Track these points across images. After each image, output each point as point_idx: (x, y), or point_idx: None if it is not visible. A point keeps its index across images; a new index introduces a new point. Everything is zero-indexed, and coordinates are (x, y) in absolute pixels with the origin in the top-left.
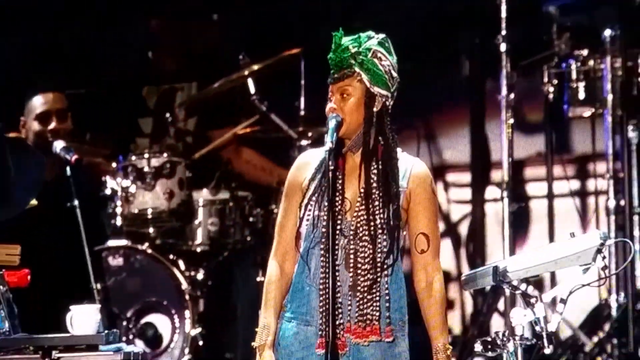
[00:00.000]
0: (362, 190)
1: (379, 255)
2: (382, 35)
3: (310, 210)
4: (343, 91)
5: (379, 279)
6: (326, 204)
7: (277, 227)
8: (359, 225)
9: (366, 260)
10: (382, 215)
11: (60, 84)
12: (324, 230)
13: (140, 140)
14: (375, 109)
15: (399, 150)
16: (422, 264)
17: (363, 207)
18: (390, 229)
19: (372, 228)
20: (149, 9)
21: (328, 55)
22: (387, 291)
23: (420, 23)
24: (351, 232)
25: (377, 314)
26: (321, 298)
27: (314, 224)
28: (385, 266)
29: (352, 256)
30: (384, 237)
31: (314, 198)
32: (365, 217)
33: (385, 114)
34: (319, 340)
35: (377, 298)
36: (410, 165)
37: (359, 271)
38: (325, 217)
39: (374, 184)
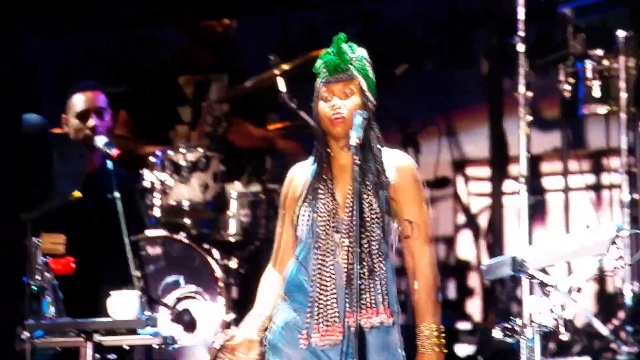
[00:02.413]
0: (353, 185)
1: (374, 244)
2: (364, 49)
3: (303, 214)
4: (346, 92)
5: (376, 266)
6: (319, 206)
7: (276, 236)
8: (353, 219)
9: (363, 250)
10: (373, 207)
11: (99, 83)
12: (319, 230)
13: (180, 128)
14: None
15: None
16: (409, 249)
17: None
18: (381, 217)
19: (366, 219)
20: (181, 11)
21: (323, 59)
22: (384, 277)
23: (439, 24)
24: (344, 228)
25: (380, 297)
26: (314, 290)
27: (310, 226)
28: (380, 253)
29: (346, 249)
30: (376, 226)
31: (307, 202)
32: (358, 210)
33: (373, 117)
34: (304, 332)
35: (378, 284)
36: (395, 159)
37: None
38: (319, 218)
39: (365, 180)
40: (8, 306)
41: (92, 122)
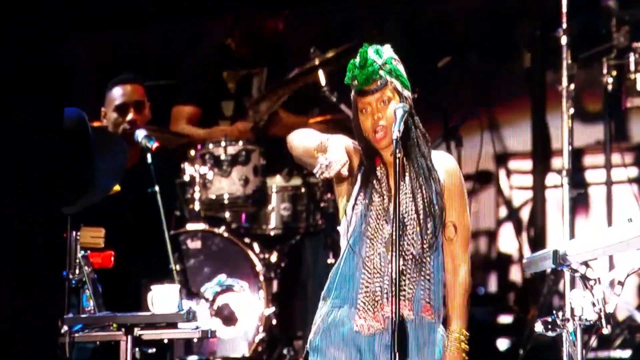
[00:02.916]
0: (406, 181)
1: (425, 237)
2: (389, 45)
3: (358, 205)
4: (383, 100)
5: (425, 261)
6: (374, 196)
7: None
8: (404, 212)
9: (412, 243)
10: (426, 201)
11: (138, 76)
12: (371, 219)
13: (223, 123)
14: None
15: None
16: (450, 252)
17: (409, 196)
18: (435, 212)
19: (419, 212)
20: (223, 4)
21: (352, 72)
22: (430, 273)
23: (482, 16)
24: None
25: (427, 292)
26: (365, 280)
27: (363, 214)
28: (430, 247)
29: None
30: (428, 220)
31: (361, 194)
32: (411, 204)
33: (414, 113)
34: (357, 317)
35: (425, 279)
36: (441, 160)
37: (405, 254)
38: (372, 208)
39: (419, 174)
40: (48, 300)
41: (131, 115)
